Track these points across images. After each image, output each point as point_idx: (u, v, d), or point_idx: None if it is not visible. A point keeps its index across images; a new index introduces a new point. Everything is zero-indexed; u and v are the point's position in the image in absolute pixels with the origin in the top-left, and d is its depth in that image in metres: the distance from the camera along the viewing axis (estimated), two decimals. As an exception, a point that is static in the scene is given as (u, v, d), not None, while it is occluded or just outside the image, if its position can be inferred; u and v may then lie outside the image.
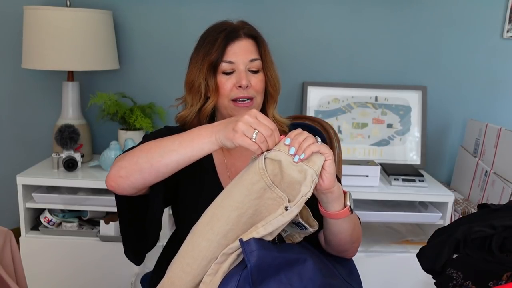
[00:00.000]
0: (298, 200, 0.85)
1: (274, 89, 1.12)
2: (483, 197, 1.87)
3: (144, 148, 0.94)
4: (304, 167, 0.85)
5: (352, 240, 1.02)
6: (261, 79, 1.09)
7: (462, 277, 1.05)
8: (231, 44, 1.06)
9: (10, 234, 1.13)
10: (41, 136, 2.11)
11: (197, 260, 0.87)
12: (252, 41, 1.09)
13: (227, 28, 1.08)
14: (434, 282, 1.12)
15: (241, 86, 1.05)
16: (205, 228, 0.88)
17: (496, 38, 2.08)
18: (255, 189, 0.86)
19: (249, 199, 0.86)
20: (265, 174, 0.85)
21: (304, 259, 0.89)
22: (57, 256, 1.82)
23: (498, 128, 1.85)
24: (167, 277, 0.91)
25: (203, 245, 0.87)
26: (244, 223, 0.87)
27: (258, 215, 0.88)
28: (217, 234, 0.87)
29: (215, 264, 0.87)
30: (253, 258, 0.83)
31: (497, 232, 1.02)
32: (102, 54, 1.84)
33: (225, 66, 1.06)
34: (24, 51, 1.82)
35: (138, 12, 2.03)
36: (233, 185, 0.89)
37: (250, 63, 1.07)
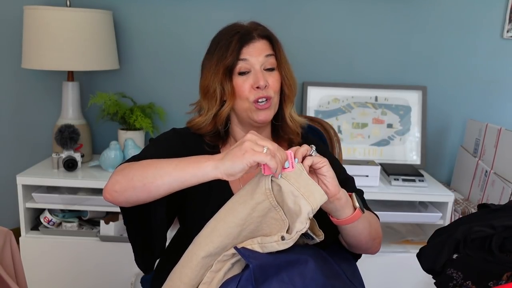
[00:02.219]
0: (293, 235, 0.85)
1: (289, 89, 1.11)
2: (483, 197, 1.87)
3: (141, 165, 0.92)
4: (301, 201, 0.84)
5: (372, 237, 1.02)
6: (277, 78, 1.08)
7: (462, 277, 1.05)
8: (245, 47, 1.05)
9: (10, 234, 1.13)
10: (41, 136, 2.11)
11: (195, 270, 0.88)
12: (266, 41, 1.08)
13: (240, 30, 1.06)
14: (434, 282, 1.12)
15: (259, 87, 1.03)
16: (205, 240, 0.89)
17: (496, 38, 2.08)
18: (260, 208, 0.86)
19: (252, 217, 0.87)
20: (271, 195, 0.85)
21: (305, 259, 0.89)
22: (57, 256, 1.82)
23: (498, 128, 1.85)
24: (166, 285, 0.92)
25: (202, 256, 0.88)
26: (244, 237, 0.89)
27: (259, 230, 0.89)
28: (217, 248, 0.88)
29: (210, 272, 0.88)
30: (254, 259, 0.84)
31: (497, 232, 1.02)
32: (102, 54, 1.84)
33: (241, 64, 1.04)
34: (24, 51, 1.82)
35: (138, 12, 2.03)
36: (238, 202, 0.88)
37: (265, 59, 1.06)
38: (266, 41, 1.08)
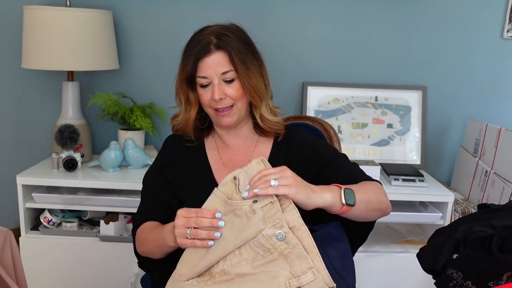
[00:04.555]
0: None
1: (253, 96, 1.13)
2: (483, 197, 1.87)
3: (140, 239, 1.14)
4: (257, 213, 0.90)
5: (374, 208, 1.04)
6: (236, 88, 1.11)
7: (462, 277, 1.05)
8: (202, 60, 1.09)
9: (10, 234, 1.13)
10: (41, 136, 2.11)
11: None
12: (224, 52, 1.09)
13: (200, 42, 1.10)
14: (434, 282, 1.12)
15: (215, 100, 1.10)
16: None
17: (496, 38, 2.08)
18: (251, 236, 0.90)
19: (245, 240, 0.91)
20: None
21: None
22: (57, 256, 1.82)
23: (498, 128, 1.85)
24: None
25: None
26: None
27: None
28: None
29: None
30: None
31: (497, 232, 1.02)
32: (102, 54, 1.84)
33: (201, 81, 1.11)
34: (24, 51, 1.82)
35: (138, 12, 2.03)
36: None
37: (223, 76, 1.10)
38: (223, 52, 1.10)
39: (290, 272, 0.85)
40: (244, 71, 1.10)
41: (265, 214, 0.89)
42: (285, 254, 0.86)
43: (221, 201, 0.95)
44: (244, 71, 1.10)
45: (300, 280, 0.85)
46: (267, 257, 0.87)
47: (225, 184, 0.97)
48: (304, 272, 0.85)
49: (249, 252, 0.88)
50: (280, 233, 0.85)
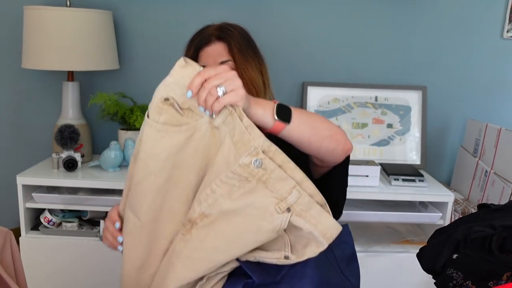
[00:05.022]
0: (300, 258, 0.85)
1: (249, 89, 1.11)
2: (483, 197, 1.87)
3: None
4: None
5: (322, 135, 0.94)
6: None
7: (462, 277, 1.05)
8: (202, 49, 1.12)
9: (10, 234, 1.13)
10: (41, 136, 2.11)
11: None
12: (224, 43, 1.12)
13: (202, 33, 1.13)
14: (434, 282, 1.12)
15: None
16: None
17: (496, 38, 2.08)
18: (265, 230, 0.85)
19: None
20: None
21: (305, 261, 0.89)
22: (57, 256, 1.82)
23: (498, 128, 1.85)
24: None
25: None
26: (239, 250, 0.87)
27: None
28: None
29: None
30: (256, 275, 0.85)
31: (497, 232, 1.02)
32: (102, 54, 1.84)
33: None
34: (24, 51, 1.82)
35: (138, 12, 2.03)
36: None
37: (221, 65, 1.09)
38: (223, 43, 1.12)
39: (275, 198, 0.81)
40: (242, 62, 1.11)
41: (229, 129, 0.82)
42: (264, 180, 0.81)
43: (162, 133, 0.84)
44: (242, 62, 1.11)
45: (287, 201, 0.80)
46: (244, 186, 0.81)
47: (160, 111, 0.85)
48: (289, 193, 0.81)
49: (222, 187, 0.82)
50: (257, 160, 0.80)
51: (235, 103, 0.81)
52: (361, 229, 1.98)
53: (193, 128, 0.84)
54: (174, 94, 0.85)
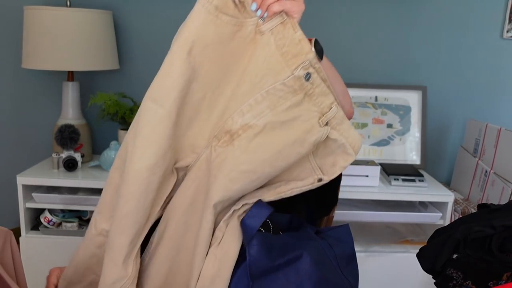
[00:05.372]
0: (332, 175, 0.85)
1: None
2: (483, 197, 1.87)
3: None
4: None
5: (342, 86, 0.99)
6: None
7: (462, 277, 1.05)
8: None
9: (10, 234, 1.13)
10: (41, 136, 2.11)
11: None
12: None
13: None
14: (434, 282, 1.12)
15: None
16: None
17: (496, 38, 2.08)
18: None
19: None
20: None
21: (300, 254, 0.88)
22: (57, 256, 1.82)
23: (498, 128, 1.85)
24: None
25: (214, 203, 0.84)
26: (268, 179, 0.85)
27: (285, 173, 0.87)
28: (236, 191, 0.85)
29: (218, 231, 0.84)
30: (253, 252, 0.83)
31: (497, 232, 1.02)
32: (102, 54, 1.84)
33: None
34: (24, 51, 1.82)
35: (138, 12, 2.03)
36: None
37: None
38: None
39: (317, 112, 0.82)
40: None
41: (276, 39, 0.80)
42: (310, 94, 0.81)
43: (211, 17, 0.77)
44: None
45: (327, 116, 0.82)
46: (291, 99, 0.80)
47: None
48: (329, 107, 0.83)
49: (268, 98, 0.79)
50: (308, 73, 0.80)
51: (293, 13, 0.80)
52: (361, 229, 1.98)
53: (241, 25, 0.78)
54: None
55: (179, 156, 0.84)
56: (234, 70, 0.81)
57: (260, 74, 0.80)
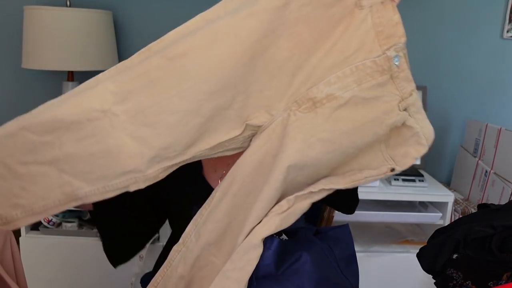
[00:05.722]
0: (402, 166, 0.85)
1: None
2: (483, 197, 1.87)
3: None
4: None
5: None
6: None
7: (462, 277, 1.05)
8: None
9: (10, 234, 1.13)
10: (41, 136, 2.11)
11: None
12: None
13: None
14: (434, 282, 1.12)
15: None
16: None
17: (496, 38, 2.08)
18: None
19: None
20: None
21: (300, 255, 0.88)
22: (57, 256, 1.82)
23: (498, 128, 1.85)
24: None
25: (287, 165, 0.83)
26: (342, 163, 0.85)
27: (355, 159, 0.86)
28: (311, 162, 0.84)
29: (287, 200, 0.84)
30: (267, 255, 0.83)
31: (497, 232, 1.02)
32: (102, 54, 1.84)
33: None
34: (24, 51, 1.82)
35: (138, 12, 2.03)
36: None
37: None
38: None
39: (398, 95, 0.82)
40: None
41: (373, 17, 0.79)
42: (394, 77, 0.81)
43: None
44: None
45: (407, 102, 0.82)
46: (377, 78, 0.79)
47: None
48: (410, 94, 0.82)
49: (356, 73, 0.79)
50: (398, 56, 0.80)
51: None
52: (361, 229, 1.98)
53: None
54: None
55: (252, 113, 0.82)
56: (326, 38, 0.79)
57: (352, 48, 0.79)
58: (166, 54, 0.79)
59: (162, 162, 0.80)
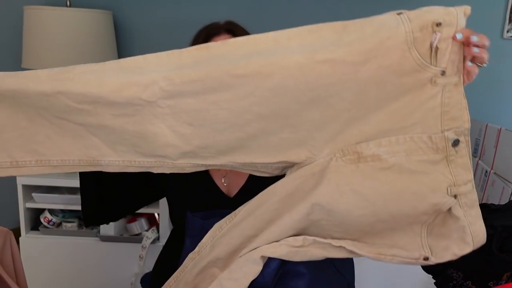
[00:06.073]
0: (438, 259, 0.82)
1: None
2: (483, 197, 1.87)
3: None
4: None
5: None
6: None
7: (462, 277, 1.05)
8: (211, 39, 1.11)
9: (10, 234, 1.13)
10: (41, 136, 2.11)
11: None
12: (231, 35, 1.13)
13: (211, 26, 1.14)
14: (434, 282, 1.12)
15: None
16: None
17: (496, 38, 2.08)
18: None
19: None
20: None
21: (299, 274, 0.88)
22: (57, 256, 1.82)
23: (498, 128, 1.85)
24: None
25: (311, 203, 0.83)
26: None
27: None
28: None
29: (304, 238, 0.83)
30: (266, 272, 0.83)
31: (497, 232, 1.02)
32: (102, 54, 1.84)
33: None
34: (24, 51, 1.82)
35: (138, 12, 2.03)
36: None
37: None
38: (231, 36, 1.13)
39: (450, 180, 0.80)
40: None
41: (443, 97, 0.79)
42: (450, 160, 0.80)
43: (404, 46, 0.75)
44: None
45: (459, 189, 0.80)
46: (429, 155, 0.79)
47: (422, 28, 0.75)
48: (465, 183, 0.81)
49: (409, 144, 0.79)
50: (457, 140, 0.79)
51: (470, 77, 0.81)
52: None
53: (424, 67, 0.78)
54: (444, 29, 0.77)
55: (294, 148, 0.82)
56: (390, 101, 0.79)
57: (413, 119, 0.79)
58: (229, 69, 0.76)
59: (194, 158, 0.82)
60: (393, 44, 0.75)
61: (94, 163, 0.82)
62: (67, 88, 0.77)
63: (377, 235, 0.83)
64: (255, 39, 0.77)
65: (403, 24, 0.75)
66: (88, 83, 0.78)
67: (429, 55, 0.76)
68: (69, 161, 0.82)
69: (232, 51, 0.77)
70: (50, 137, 0.80)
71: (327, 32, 0.76)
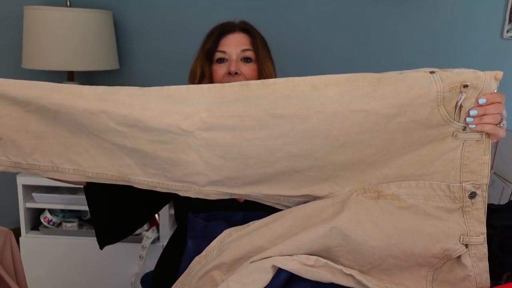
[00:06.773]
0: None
1: None
2: (483, 197, 1.87)
3: None
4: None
5: None
6: (252, 68, 1.14)
7: (462, 277, 1.04)
8: (225, 36, 1.14)
9: (10, 234, 1.13)
10: (41, 136, 2.11)
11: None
12: (246, 34, 1.15)
13: (225, 24, 1.17)
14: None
15: (230, 73, 1.10)
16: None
17: (496, 38, 2.08)
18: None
19: None
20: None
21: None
22: (57, 256, 1.82)
23: (498, 128, 1.85)
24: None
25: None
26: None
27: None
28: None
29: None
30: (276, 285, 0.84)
31: (497, 232, 1.02)
32: (102, 54, 1.84)
33: (218, 55, 1.13)
34: (24, 51, 1.82)
35: (138, 12, 2.03)
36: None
37: (242, 53, 1.13)
38: (246, 34, 1.16)
39: (464, 229, 0.84)
40: (263, 57, 1.15)
41: (463, 150, 0.83)
42: (465, 211, 0.85)
43: (433, 104, 0.80)
44: (262, 57, 1.15)
45: (471, 239, 0.84)
46: (446, 203, 0.85)
47: (451, 89, 0.80)
48: (477, 235, 0.85)
49: (428, 190, 0.85)
50: (474, 193, 0.84)
51: (494, 138, 0.83)
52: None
53: (448, 122, 0.82)
54: (469, 93, 0.82)
55: (317, 184, 0.88)
56: (413, 149, 0.85)
57: (433, 168, 0.85)
58: (268, 109, 0.80)
59: (221, 186, 0.86)
60: (424, 102, 0.80)
61: (125, 180, 0.87)
62: (112, 109, 0.82)
63: (385, 272, 0.87)
64: (293, 82, 0.81)
65: (435, 84, 0.80)
66: (131, 106, 0.83)
67: (454, 112, 0.82)
68: (103, 175, 0.87)
69: (271, 92, 0.81)
70: (87, 150, 0.85)
71: (362, 84, 0.80)
